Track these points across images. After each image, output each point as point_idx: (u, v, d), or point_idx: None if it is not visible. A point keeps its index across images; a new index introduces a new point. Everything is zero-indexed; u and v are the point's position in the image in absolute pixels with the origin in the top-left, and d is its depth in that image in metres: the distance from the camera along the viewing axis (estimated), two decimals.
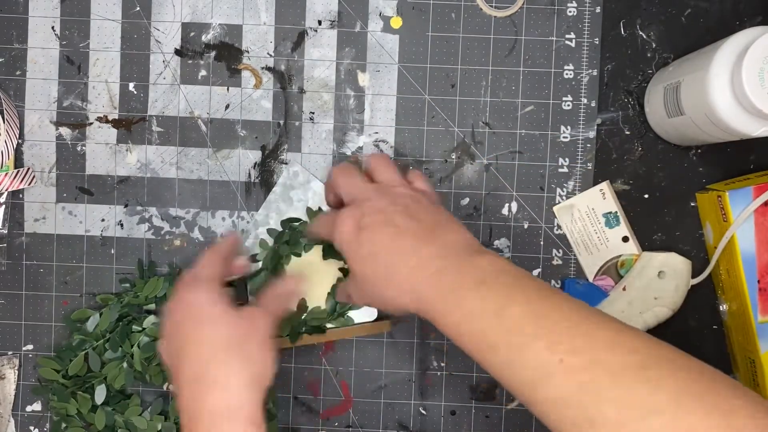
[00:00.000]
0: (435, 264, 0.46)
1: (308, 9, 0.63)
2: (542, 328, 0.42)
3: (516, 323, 0.42)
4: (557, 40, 0.63)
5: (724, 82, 0.51)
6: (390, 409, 0.65)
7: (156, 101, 0.64)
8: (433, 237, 0.47)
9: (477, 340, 0.44)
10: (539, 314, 0.42)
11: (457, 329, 0.45)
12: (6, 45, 0.64)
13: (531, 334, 0.41)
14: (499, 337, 0.42)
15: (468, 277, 0.45)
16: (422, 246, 0.47)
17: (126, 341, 0.62)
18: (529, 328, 0.42)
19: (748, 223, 0.59)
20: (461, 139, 0.64)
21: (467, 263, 0.45)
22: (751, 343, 0.60)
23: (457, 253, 0.46)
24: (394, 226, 0.48)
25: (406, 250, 0.47)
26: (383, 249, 0.47)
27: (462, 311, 0.44)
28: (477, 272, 0.45)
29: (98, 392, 0.62)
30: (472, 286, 0.44)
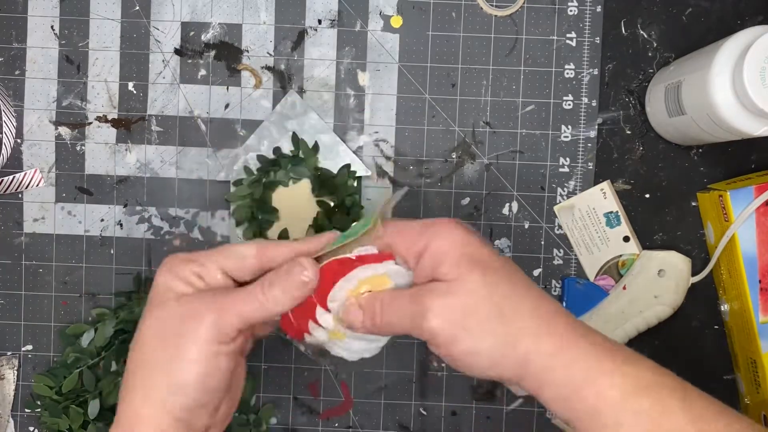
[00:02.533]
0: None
1: (308, 8, 0.63)
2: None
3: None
4: (558, 40, 0.63)
5: (725, 81, 0.51)
6: (390, 409, 0.64)
7: (155, 101, 0.64)
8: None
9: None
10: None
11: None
12: (5, 44, 0.64)
13: None
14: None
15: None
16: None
17: (121, 360, 0.62)
18: None
19: (749, 222, 0.58)
20: (462, 138, 0.64)
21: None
22: (753, 343, 0.59)
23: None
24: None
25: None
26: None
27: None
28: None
29: (91, 407, 0.62)
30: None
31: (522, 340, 0.42)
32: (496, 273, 0.43)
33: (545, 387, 0.42)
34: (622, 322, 0.62)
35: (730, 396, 0.64)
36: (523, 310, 0.42)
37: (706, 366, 0.64)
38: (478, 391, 0.64)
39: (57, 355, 0.64)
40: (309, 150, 0.62)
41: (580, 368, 0.41)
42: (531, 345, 0.42)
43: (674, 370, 0.64)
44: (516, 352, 0.42)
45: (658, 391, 0.41)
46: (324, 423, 0.65)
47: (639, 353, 0.43)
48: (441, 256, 0.43)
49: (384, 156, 0.64)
